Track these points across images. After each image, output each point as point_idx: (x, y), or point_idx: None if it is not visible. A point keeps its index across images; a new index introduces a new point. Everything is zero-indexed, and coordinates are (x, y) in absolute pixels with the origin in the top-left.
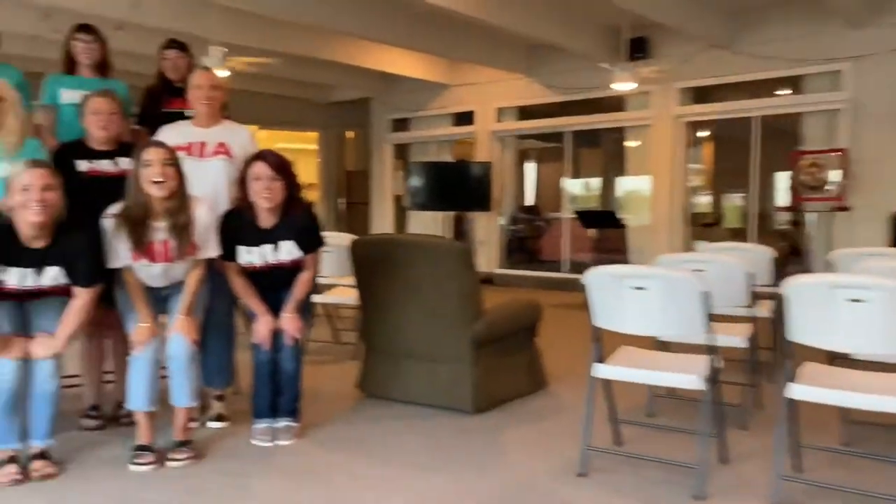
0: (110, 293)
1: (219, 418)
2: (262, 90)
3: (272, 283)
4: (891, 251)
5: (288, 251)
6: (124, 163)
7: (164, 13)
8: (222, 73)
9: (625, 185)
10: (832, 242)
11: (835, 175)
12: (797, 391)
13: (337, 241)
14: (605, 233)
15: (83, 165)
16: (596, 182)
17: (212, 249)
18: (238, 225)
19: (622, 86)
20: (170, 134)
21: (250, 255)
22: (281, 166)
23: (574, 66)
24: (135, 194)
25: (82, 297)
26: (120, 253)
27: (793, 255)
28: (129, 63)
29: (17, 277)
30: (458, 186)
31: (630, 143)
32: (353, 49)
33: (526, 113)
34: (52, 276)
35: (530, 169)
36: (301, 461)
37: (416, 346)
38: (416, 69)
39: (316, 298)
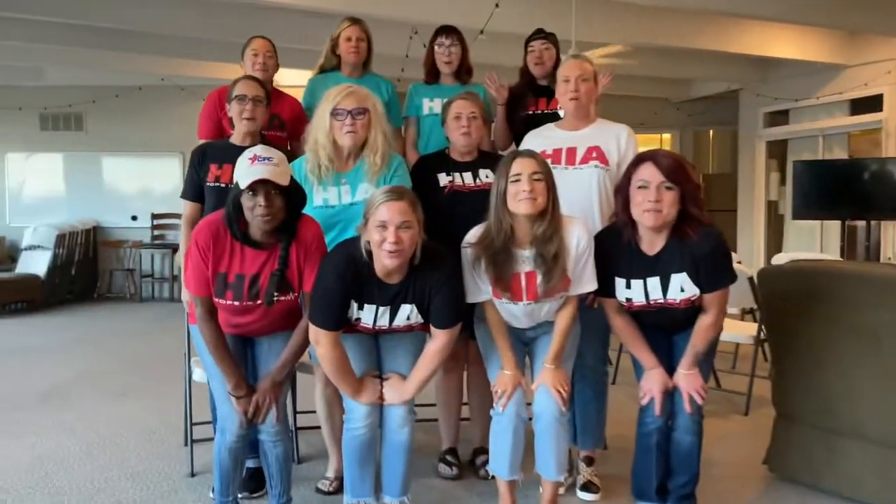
0: (471, 322)
1: (588, 487)
2: (611, 92)
3: (663, 323)
4: None
5: (679, 287)
6: (485, 175)
7: (523, 18)
8: None
9: None
10: None
11: None
12: None
13: None
14: None
15: (443, 179)
16: None
17: (587, 283)
18: (615, 250)
19: None
20: (533, 140)
21: (629, 291)
22: (676, 170)
23: None
24: (497, 216)
25: (440, 340)
26: (481, 287)
27: None
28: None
29: (370, 316)
30: (859, 189)
31: None
32: (724, 32)
33: None
34: (406, 314)
35: None
36: None
37: (867, 423)
38: (803, 49)
39: None
